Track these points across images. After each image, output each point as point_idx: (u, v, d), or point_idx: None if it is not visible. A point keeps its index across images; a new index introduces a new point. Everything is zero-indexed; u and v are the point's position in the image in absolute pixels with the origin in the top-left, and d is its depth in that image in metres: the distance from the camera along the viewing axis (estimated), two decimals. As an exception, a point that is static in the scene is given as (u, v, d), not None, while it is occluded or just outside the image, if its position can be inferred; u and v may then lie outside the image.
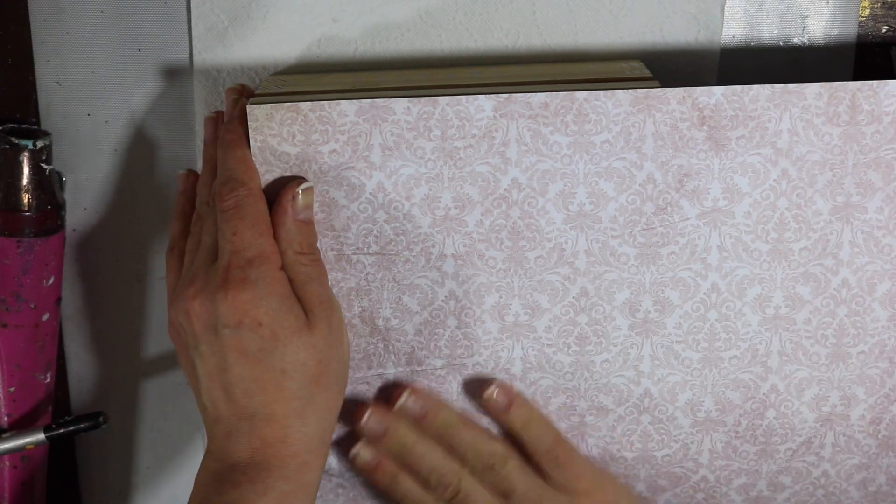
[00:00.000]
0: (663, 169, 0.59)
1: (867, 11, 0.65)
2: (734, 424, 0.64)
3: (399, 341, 0.62)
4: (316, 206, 0.59)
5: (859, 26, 0.65)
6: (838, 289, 0.61)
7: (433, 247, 0.60)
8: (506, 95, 0.57)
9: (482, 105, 0.57)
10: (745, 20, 0.65)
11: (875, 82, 0.58)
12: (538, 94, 0.57)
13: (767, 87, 0.58)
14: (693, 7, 0.64)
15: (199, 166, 0.67)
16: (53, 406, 0.69)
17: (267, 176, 0.58)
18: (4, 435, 0.65)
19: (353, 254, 0.60)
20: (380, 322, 0.61)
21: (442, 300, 0.61)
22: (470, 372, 0.62)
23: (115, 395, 0.73)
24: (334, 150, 0.58)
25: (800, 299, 0.61)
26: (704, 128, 0.58)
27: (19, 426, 0.66)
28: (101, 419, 0.65)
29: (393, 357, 0.62)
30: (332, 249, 0.60)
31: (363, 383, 0.62)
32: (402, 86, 0.60)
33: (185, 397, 0.73)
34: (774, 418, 0.64)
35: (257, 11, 0.64)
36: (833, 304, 0.62)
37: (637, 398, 0.63)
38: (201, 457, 0.57)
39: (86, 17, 0.65)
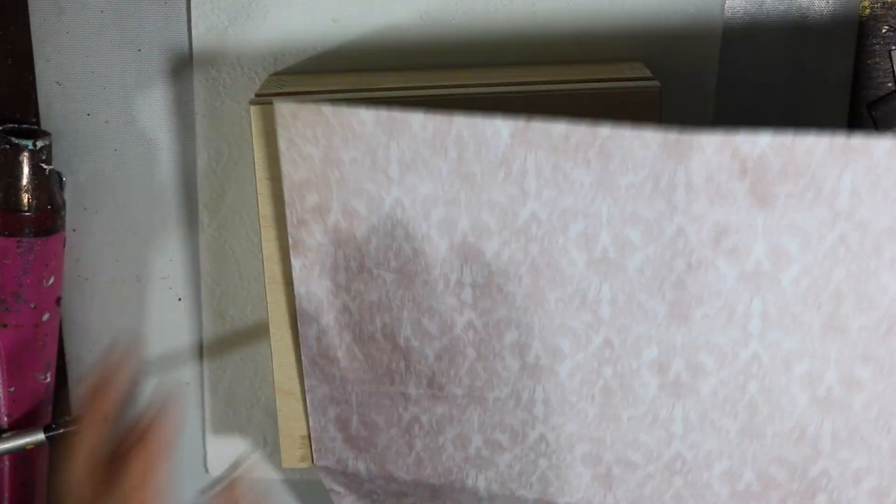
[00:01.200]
0: (697, 223, 0.53)
1: (867, 11, 0.65)
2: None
3: (420, 363, 0.59)
4: (339, 215, 0.57)
5: (859, 26, 0.65)
6: None
7: (451, 272, 0.57)
8: (524, 122, 0.53)
9: (499, 129, 0.53)
10: (745, 21, 0.65)
11: None
12: (558, 124, 0.53)
13: (825, 138, 0.50)
14: (693, 7, 0.64)
15: (198, 166, 0.67)
16: (53, 406, 0.69)
17: (294, 177, 0.56)
18: (4, 435, 0.65)
19: (374, 267, 0.58)
20: (401, 341, 0.59)
21: (461, 329, 0.58)
22: (490, 407, 0.59)
23: (115, 395, 0.73)
24: (355, 159, 0.56)
25: (857, 383, 0.55)
26: (746, 180, 0.52)
27: (19, 426, 0.66)
28: (101, 419, 0.65)
29: (414, 377, 0.60)
30: (354, 259, 0.58)
31: (386, 398, 0.61)
32: (402, 86, 0.59)
33: (185, 397, 0.73)
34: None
35: (257, 11, 0.64)
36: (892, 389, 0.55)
37: (668, 459, 0.59)
38: (201, 456, 0.57)
39: (86, 17, 0.65)
